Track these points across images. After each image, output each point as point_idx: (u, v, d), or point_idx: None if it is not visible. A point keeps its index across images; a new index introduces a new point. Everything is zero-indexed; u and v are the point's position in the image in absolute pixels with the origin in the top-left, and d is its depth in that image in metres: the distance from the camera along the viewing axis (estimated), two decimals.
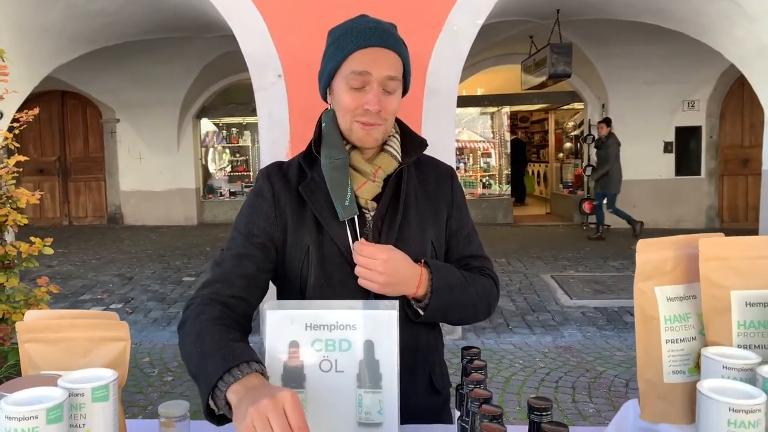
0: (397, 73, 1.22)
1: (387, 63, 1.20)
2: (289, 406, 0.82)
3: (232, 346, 0.98)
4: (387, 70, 1.20)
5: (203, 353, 1.00)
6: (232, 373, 0.92)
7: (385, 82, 1.20)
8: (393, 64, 1.21)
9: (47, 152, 11.38)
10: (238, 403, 0.87)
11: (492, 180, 11.83)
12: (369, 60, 1.19)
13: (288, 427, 0.81)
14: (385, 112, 1.21)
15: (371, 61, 1.19)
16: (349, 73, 1.20)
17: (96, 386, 0.85)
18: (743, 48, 5.28)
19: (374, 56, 1.19)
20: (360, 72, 1.19)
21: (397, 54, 1.23)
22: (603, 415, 3.35)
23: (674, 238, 0.98)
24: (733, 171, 9.99)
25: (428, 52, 4.19)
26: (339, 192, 1.19)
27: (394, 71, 1.21)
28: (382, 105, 1.19)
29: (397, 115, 1.33)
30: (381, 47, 1.20)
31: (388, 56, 1.21)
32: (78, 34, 5.85)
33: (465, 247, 1.36)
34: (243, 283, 1.18)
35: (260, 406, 0.82)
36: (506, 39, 8.88)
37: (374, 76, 1.19)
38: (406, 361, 1.16)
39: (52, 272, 7.05)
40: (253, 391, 0.88)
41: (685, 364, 0.97)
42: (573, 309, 5.34)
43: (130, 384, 3.86)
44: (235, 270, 1.19)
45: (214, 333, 1.03)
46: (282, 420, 0.81)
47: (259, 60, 4.22)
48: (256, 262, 1.21)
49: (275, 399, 0.82)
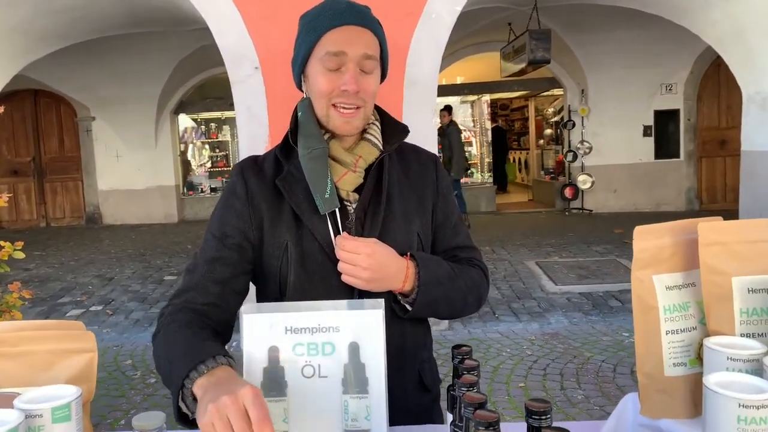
0: (374, 52, 1.16)
1: (363, 41, 1.14)
2: (249, 402, 0.78)
3: (200, 345, 0.95)
4: (363, 48, 1.14)
5: (171, 359, 0.96)
6: (198, 369, 0.89)
7: (362, 61, 1.14)
8: (369, 43, 1.15)
9: (21, 153, 11.12)
10: (201, 398, 0.84)
11: (474, 168, 11.82)
12: (344, 39, 1.13)
13: (247, 426, 0.77)
14: (363, 92, 1.15)
15: (346, 40, 1.13)
16: (324, 54, 1.14)
17: (56, 406, 0.78)
18: (720, 30, 5.29)
19: (349, 34, 1.13)
20: (335, 52, 1.13)
21: (373, 33, 1.17)
22: (592, 401, 3.34)
23: (672, 224, 0.93)
24: (711, 153, 10.09)
25: (407, 41, 4.12)
26: (318, 184, 1.13)
27: (371, 50, 1.15)
28: (360, 85, 1.13)
29: (376, 102, 1.27)
30: (356, 25, 1.14)
31: (364, 34, 1.15)
32: (47, 31, 5.68)
33: (452, 238, 1.30)
34: (217, 290, 1.13)
35: (219, 403, 0.78)
36: (485, 26, 8.83)
37: (350, 56, 1.13)
38: (394, 359, 1.10)
39: (29, 275, 6.89)
40: (217, 386, 0.84)
41: (686, 356, 0.92)
42: (558, 295, 5.34)
43: (112, 388, 3.77)
44: (209, 275, 1.13)
45: (182, 338, 0.99)
46: (241, 418, 0.77)
47: (235, 52, 4.12)
48: (231, 266, 1.15)
49: (236, 396, 0.79)
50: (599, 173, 10.03)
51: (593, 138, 10.08)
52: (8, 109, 10.52)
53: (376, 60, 1.17)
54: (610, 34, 8.94)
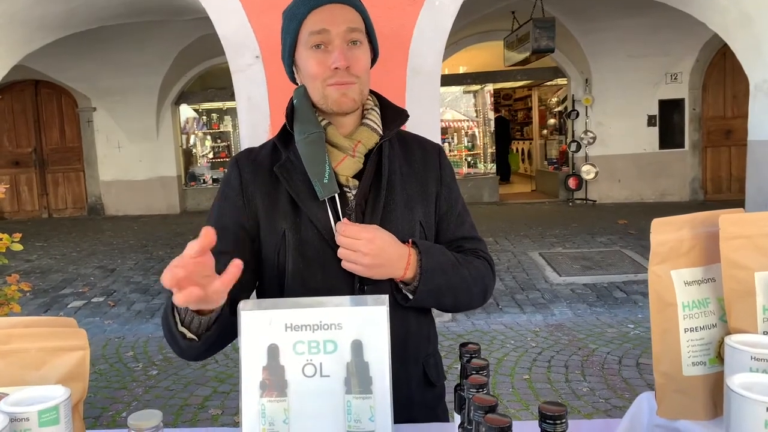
0: (359, 25, 1.15)
1: (344, 17, 1.13)
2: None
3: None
4: (346, 23, 1.12)
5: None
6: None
7: (347, 34, 1.12)
8: (351, 18, 1.14)
9: (22, 143, 11.07)
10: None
11: (477, 159, 11.76)
12: (325, 17, 1.12)
13: (180, 260, 0.79)
14: (354, 68, 1.13)
15: (327, 18, 1.12)
16: (308, 36, 1.13)
17: (43, 408, 0.74)
18: (727, 17, 5.21)
19: (330, 12, 1.12)
20: (318, 30, 1.12)
21: (355, 9, 1.15)
22: (597, 394, 3.31)
23: (691, 216, 0.88)
24: (716, 143, 9.99)
25: (410, 30, 4.06)
26: (316, 169, 1.10)
27: (355, 23, 1.14)
28: (349, 60, 1.12)
29: (377, 90, 1.25)
30: (335, 3, 1.13)
31: (345, 10, 1.14)
32: (46, 21, 5.62)
33: (457, 228, 1.26)
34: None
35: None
36: (488, 15, 8.74)
37: (334, 32, 1.12)
38: (398, 350, 1.06)
39: (31, 266, 6.87)
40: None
41: (706, 355, 0.88)
42: (562, 286, 5.30)
43: (113, 380, 3.75)
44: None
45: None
46: (178, 260, 0.80)
47: (235, 41, 4.07)
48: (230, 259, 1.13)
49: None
50: (603, 163, 9.96)
51: (597, 128, 10.00)
52: (9, 99, 10.54)
53: (362, 32, 1.16)
54: (614, 22, 8.84)
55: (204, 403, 3.38)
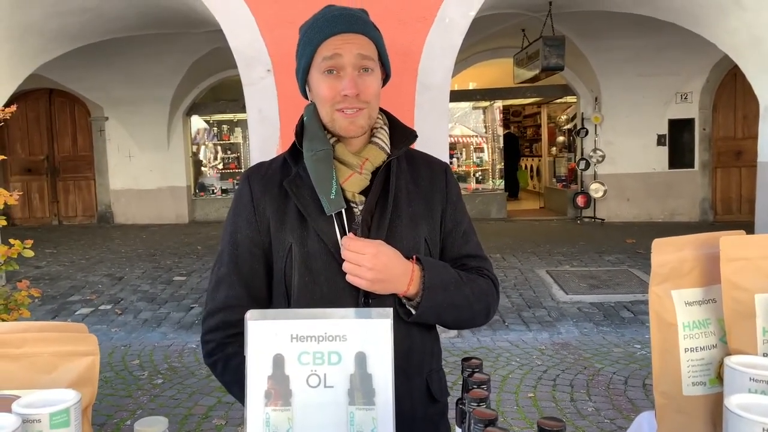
0: (370, 53, 1.18)
1: (356, 45, 1.16)
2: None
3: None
4: (357, 50, 1.15)
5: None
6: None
7: (358, 62, 1.16)
8: (363, 45, 1.17)
9: (35, 151, 11.21)
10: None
11: (485, 175, 11.77)
12: (338, 45, 1.16)
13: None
14: (364, 95, 1.16)
15: (341, 45, 1.15)
16: (321, 60, 1.17)
17: (54, 411, 0.76)
18: (737, 39, 5.22)
19: (343, 41, 1.16)
20: (331, 56, 1.15)
21: (367, 37, 1.18)
22: (602, 414, 3.29)
23: (692, 237, 0.90)
24: (726, 163, 9.96)
25: (420, 46, 4.10)
26: (323, 185, 1.14)
27: (366, 51, 1.17)
28: (359, 88, 1.15)
29: (387, 110, 1.28)
30: (348, 33, 1.16)
31: (358, 39, 1.17)
32: (60, 32, 5.73)
33: (461, 246, 1.28)
34: (244, 302, 1.18)
35: None
36: (498, 32, 8.80)
37: (346, 59, 1.15)
38: (401, 363, 1.07)
39: (41, 273, 6.93)
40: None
41: (706, 375, 0.89)
42: (569, 305, 5.28)
43: (119, 387, 3.77)
44: (231, 292, 1.19)
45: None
46: None
47: (247, 54, 4.12)
48: (249, 276, 1.22)
49: None
50: (612, 182, 9.94)
51: (606, 146, 9.99)
52: (23, 107, 10.68)
53: (374, 60, 1.19)
54: (624, 41, 8.86)
55: (208, 413, 3.38)
